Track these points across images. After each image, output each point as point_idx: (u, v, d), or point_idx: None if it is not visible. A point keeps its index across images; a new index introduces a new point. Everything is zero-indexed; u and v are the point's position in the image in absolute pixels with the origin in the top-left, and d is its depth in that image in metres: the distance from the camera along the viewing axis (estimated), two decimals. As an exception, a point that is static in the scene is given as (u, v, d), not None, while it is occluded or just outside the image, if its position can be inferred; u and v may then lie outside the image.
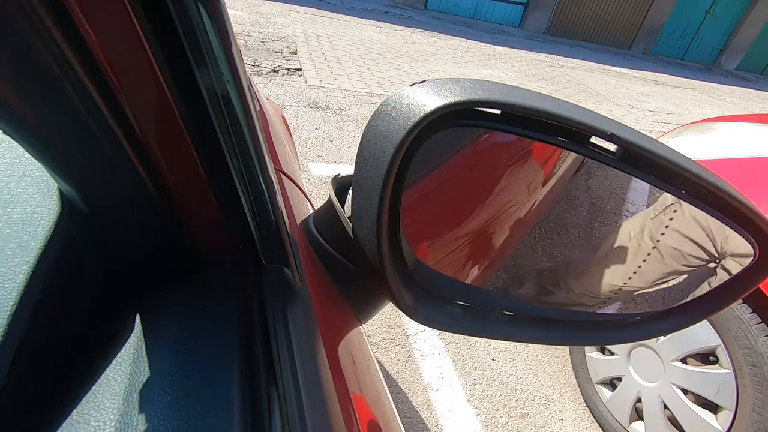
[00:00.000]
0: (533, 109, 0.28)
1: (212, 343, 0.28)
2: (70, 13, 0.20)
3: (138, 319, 0.30)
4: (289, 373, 0.27)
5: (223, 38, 0.21)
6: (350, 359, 0.42)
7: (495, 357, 1.83)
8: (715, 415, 1.28)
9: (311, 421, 0.26)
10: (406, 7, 10.43)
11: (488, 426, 1.55)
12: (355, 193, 0.31)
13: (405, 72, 5.15)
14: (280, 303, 0.32)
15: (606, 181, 0.39)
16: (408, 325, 1.85)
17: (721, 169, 1.34)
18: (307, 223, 0.46)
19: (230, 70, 0.22)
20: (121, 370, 0.26)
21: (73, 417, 0.24)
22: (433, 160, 0.33)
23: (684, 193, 0.34)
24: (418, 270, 0.36)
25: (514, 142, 0.35)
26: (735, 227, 0.36)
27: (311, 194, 1.53)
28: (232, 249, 0.35)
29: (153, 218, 0.31)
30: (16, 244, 0.27)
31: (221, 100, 0.23)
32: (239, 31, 5.11)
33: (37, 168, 0.32)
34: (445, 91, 0.27)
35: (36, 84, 0.22)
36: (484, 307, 0.39)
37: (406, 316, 0.35)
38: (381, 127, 0.28)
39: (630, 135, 0.30)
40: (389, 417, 0.45)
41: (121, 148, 0.26)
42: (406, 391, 1.59)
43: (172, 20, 0.21)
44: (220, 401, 0.25)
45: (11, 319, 0.24)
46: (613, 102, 6.20)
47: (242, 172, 0.27)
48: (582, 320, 0.44)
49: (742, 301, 1.19)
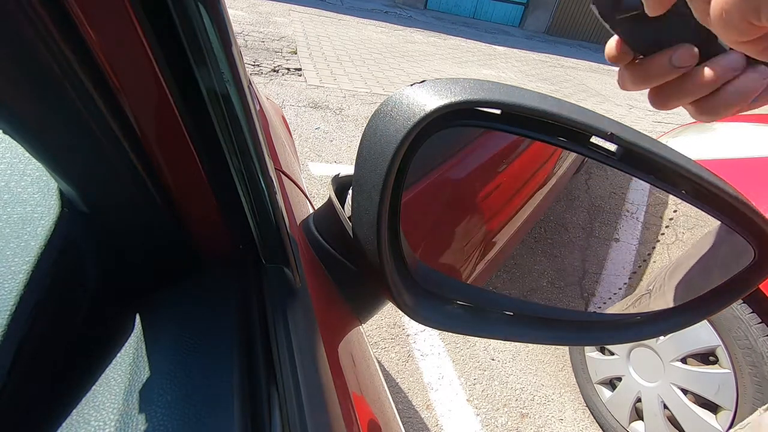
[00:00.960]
0: (533, 109, 0.28)
1: (212, 343, 0.28)
2: (70, 13, 0.20)
3: (138, 319, 0.30)
4: (289, 373, 0.27)
5: (223, 38, 0.21)
6: (350, 359, 0.42)
7: (495, 357, 1.83)
8: (715, 415, 1.28)
9: (311, 421, 0.26)
10: (406, 7, 10.43)
11: (488, 426, 1.55)
12: (355, 192, 0.31)
13: (405, 72, 5.15)
14: (280, 303, 0.32)
15: (606, 181, 0.39)
16: (408, 325, 1.85)
17: (721, 169, 1.34)
18: (307, 223, 0.46)
19: (230, 70, 0.22)
20: (121, 370, 0.26)
21: (73, 417, 0.24)
22: (433, 160, 0.33)
23: (684, 193, 0.34)
24: (418, 270, 0.36)
25: (514, 142, 0.35)
26: (735, 227, 0.36)
27: (311, 194, 1.53)
28: (232, 249, 0.35)
29: (153, 218, 0.31)
30: (16, 244, 0.27)
31: (221, 100, 0.23)
32: (239, 30, 5.11)
33: (37, 168, 0.32)
34: (446, 91, 0.27)
35: (36, 84, 0.22)
36: (484, 307, 0.39)
37: (406, 315, 0.35)
38: (381, 126, 0.28)
39: (630, 135, 0.30)
40: (389, 417, 0.45)
41: (121, 148, 0.26)
42: (406, 391, 1.59)
43: (172, 20, 0.21)
44: (220, 401, 0.25)
45: (11, 319, 0.24)
46: (613, 102, 6.20)
47: (242, 172, 0.27)
48: (582, 320, 0.44)
49: (742, 301, 1.19)
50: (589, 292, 0.45)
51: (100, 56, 0.22)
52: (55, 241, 0.28)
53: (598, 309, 0.46)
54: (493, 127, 0.30)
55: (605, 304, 0.45)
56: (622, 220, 0.42)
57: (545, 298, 0.44)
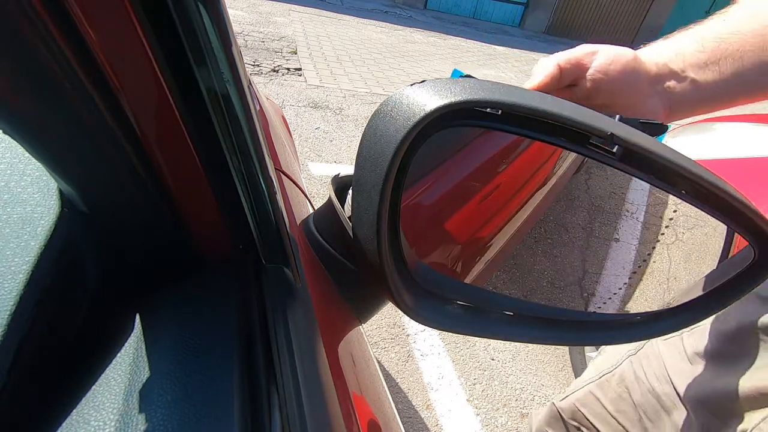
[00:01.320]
0: (533, 109, 0.28)
1: (212, 343, 0.28)
2: (70, 13, 0.20)
3: (138, 319, 0.30)
4: (289, 373, 0.27)
5: (223, 38, 0.21)
6: (350, 359, 0.42)
7: (495, 357, 1.83)
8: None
9: (311, 421, 0.26)
10: (406, 6, 10.43)
11: (488, 426, 1.55)
12: (355, 192, 0.31)
13: (405, 72, 5.15)
14: (280, 303, 0.32)
15: (606, 181, 0.39)
16: (408, 325, 1.85)
17: (721, 169, 1.34)
18: (307, 223, 0.46)
19: (230, 70, 0.22)
20: (121, 370, 0.26)
21: (73, 417, 0.24)
22: (433, 160, 0.33)
23: (684, 193, 0.34)
24: (418, 270, 0.36)
25: (514, 142, 0.35)
26: (735, 227, 0.36)
27: (311, 194, 1.53)
28: (232, 249, 0.35)
29: (153, 218, 0.31)
30: (16, 244, 0.27)
31: (221, 100, 0.23)
32: (239, 30, 5.11)
33: (37, 168, 0.32)
34: (445, 91, 0.27)
35: (36, 84, 0.22)
36: (484, 307, 0.39)
37: (406, 315, 0.35)
38: (381, 126, 0.28)
39: (630, 135, 0.30)
40: (389, 417, 0.45)
41: (121, 149, 0.26)
42: (406, 391, 1.59)
43: (172, 20, 0.21)
44: (220, 401, 0.25)
45: (11, 319, 0.24)
46: (613, 102, 6.19)
47: (242, 172, 0.27)
48: (582, 320, 0.44)
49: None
50: (589, 292, 0.45)
51: (100, 56, 0.22)
52: (55, 241, 0.28)
53: (598, 309, 0.46)
54: (493, 127, 0.30)
55: (605, 304, 0.45)
56: (622, 220, 0.42)
57: (545, 298, 0.44)
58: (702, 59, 0.40)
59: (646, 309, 0.45)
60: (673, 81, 0.41)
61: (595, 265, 0.45)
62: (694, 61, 0.40)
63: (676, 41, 0.43)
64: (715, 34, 0.41)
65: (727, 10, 0.44)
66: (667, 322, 0.43)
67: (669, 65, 0.41)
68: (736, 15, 0.42)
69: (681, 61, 0.41)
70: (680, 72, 0.41)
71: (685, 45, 0.41)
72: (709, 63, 0.40)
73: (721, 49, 0.40)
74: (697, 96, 0.41)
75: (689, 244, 0.42)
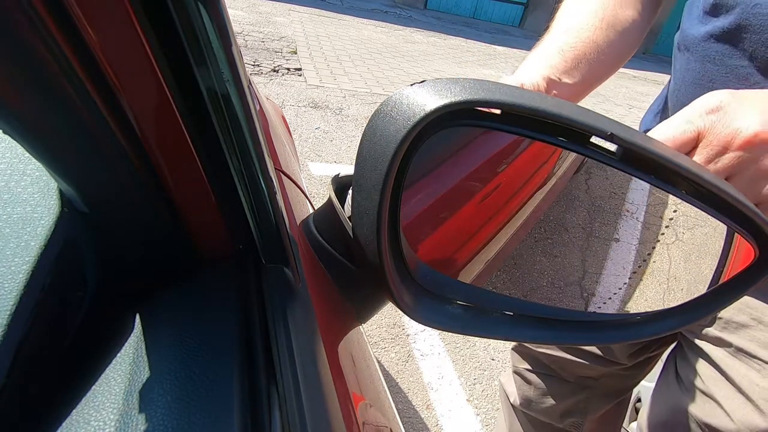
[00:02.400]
0: (533, 109, 0.28)
1: (212, 343, 0.28)
2: (70, 13, 0.20)
3: (138, 319, 0.30)
4: (289, 373, 0.27)
5: (223, 38, 0.21)
6: (350, 359, 0.42)
7: (495, 357, 1.83)
8: (715, 414, 1.28)
9: (311, 421, 0.26)
10: (406, 6, 10.43)
11: (488, 426, 1.55)
12: (355, 192, 0.31)
13: (405, 72, 5.16)
14: (280, 303, 0.32)
15: (606, 181, 0.39)
16: (408, 325, 1.85)
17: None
18: (307, 223, 0.46)
19: (230, 70, 0.22)
20: (121, 370, 0.26)
21: (73, 417, 0.24)
22: (433, 160, 0.33)
23: (684, 193, 0.34)
24: (418, 270, 0.36)
25: (514, 142, 0.35)
26: (735, 227, 0.36)
27: (311, 194, 1.53)
28: (231, 249, 0.35)
29: (153, 218, 0.31)
30: (16, 244, 0.27)
31: (221, 99, 0.23)
32: (239, 30, 5.11)
33: (37, 168, 0.32)
34: (446, 91, 0.27)
35: (36, 84, 0.22)
36: (484, 307, 0.39)
37: (406, 315, 0.35)
38: (381, 126, 0.28)
39: (630, 135, 0.30)
40: (389, 417, 0.45)
41: (121, 148, 0.26)
42: (406, 391, 1.59)
43: (172, 20, 0.21)
44: (220, 401, 0.25)
45: (11, 319, 0.24)
46: (613, 102, 6.20)
47: (242, 172, 0.27)
48: (582, 320, 0.44)
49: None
50: (589, 292, 0.45)
51: (100, 56, 0.22)
52: (55, 241, 0.28)
53: (598, 309, 0.46)
54: (493, 127, 0.30)
55: (605, 304, 0.45)
56: (622, 220, 0.42)
57: (545, 298, 0.44)
58: (568, 67, 0.55)
59: (646, 309, 0.45)
60: (556, 90, 0.55)
61: (595, 265, 0.45)
62: (563, 69, 0.55)
63: (545, 59, 0.56)
64: (566, 45, 0.57)
65: (558, 19, 0.61)
66: (667, 321, 0.43)
67: (550, 77, 0.54)
68: (571, 24, 0.58)
69: (555, 73, 0.55)
70: (558, 81, 0.55)
71: (553, 60, 0.55)
72: (572, 68, 0.56)
73: (576, 55, 0.56)
74: (575, 91, 0.57)
75: (689, 244, 0.42)
